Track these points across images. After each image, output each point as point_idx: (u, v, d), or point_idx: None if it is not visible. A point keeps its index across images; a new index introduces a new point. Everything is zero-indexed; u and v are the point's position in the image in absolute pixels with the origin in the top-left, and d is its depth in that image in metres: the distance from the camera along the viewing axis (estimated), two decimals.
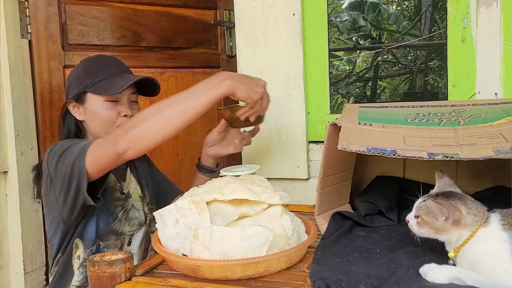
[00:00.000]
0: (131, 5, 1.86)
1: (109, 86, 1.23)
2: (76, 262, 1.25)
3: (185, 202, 0.86)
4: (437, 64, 5.47)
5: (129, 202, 1.32)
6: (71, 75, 1.31)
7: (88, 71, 1.27)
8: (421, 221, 0.77)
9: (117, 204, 1.29)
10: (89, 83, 1.24)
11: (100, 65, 1.29)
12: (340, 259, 0.86)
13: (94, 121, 1.27)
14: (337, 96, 5.60)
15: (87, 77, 1.25)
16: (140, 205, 1.35)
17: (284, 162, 1.57)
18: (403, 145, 0.85)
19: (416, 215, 0.79)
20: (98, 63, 1.30)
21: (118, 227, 1.28)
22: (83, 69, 1.28)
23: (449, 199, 0.76)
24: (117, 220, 1.28)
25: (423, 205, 0.78)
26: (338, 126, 0.94)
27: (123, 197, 1.31)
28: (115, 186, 1.30)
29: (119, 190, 1.31)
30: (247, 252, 0.77)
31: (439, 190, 0.81)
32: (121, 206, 1.30)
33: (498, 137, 0.83)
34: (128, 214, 1.31)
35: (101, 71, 1.26)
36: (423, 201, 0.79)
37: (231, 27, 2.03)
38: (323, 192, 1.03)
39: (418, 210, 0.78)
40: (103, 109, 1.25)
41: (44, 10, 1.71)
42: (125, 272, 0.80)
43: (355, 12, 5.76)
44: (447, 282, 0.72)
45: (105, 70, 1.27)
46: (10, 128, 1.64)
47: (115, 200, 1.29)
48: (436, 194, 0.79)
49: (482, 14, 1.34)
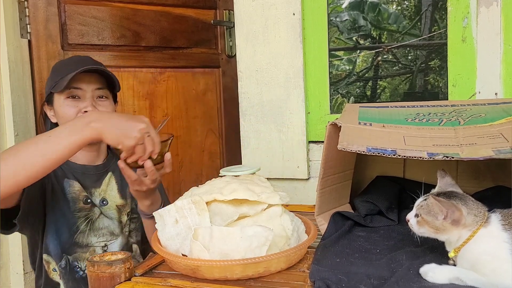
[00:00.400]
0: (131, 5, 1.86)
1: (63, 82, 1.17)
2: (55, 274, 1.21)
3: (185, 202, 0.86)
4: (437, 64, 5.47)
5: (95, 212, 1.25)
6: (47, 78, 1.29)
7: (53, 71, 1.26)
8: (421, 220, 0.77)
9: (79, 215, 1.23)
10: (52, 83, 1.21)
11: (65, 64, 1.27)
12: (340, 259, 0.85)
13: (61, 121, 1.22)
14: (337, 96, 5.60)
15: (52, 78, 1.24)
16: (115, 214, 1.28)
17: (284, 162, 1.57)
18: (403, 145, 0.85)
19: (416, 214, 0.79)
20: (64, 62, 1.29)
21: (82, 239, 1.22)
22: (51, 71, 1.27)
23: (450, 198, 0.76)
24: (79, 232, 1.22)
25: (424, 204, 0.78)
26: (338, 126, 0.94)
27: (87, 206, 1.24)
28: (78, 196, 1.24)
29: (83, 200, 1.24)
30: (247, 252, 0.77)
31: (440, 190, 0.81)
32: (85, 216, 1.23)
33: (498, 137, 0.83)
34: (93, 225, 1.24)
35: (62, 70, 1.22)
36: (424, 200, 0.79)
37: (231, 27, 2.03)
38: (323, 192, 1.03)
39: (418, 209, 0.78)
40: (63, 107, 1.20)
41: (43, 10, 1.71)
42: (124, 272, 0.80)
43: (355, 12, 5.76)
44: (447, 282, 0.71)
45: (67, 68, 1.21)
46: (10, 128, 1.64)
47: (77, 211, 1.23)
48: (437, 194, 0.79)
49: (482, 14, 1.34)
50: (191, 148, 2.02)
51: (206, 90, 2.06)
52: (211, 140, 2.07)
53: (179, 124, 1.99)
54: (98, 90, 1.23)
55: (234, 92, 1.73)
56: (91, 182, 1.27)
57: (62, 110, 1.20)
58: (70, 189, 1.23)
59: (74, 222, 1.22)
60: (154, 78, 1.92)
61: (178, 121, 1.98)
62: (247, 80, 1.61)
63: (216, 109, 2.08)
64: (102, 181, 1.29)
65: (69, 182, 1.24)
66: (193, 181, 2.00)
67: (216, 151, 2.09)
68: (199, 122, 2.04)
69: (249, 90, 1.61)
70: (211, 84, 2.06)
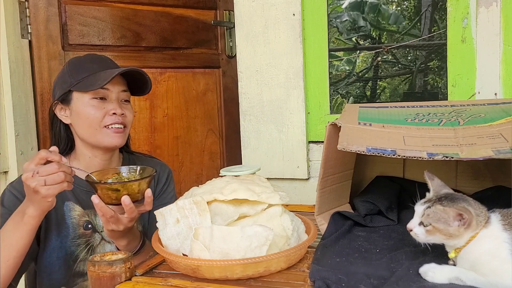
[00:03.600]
0: (131, 5, 1.86)
1: (93, 81, 1.11)
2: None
3: (186, 202, 0.86)
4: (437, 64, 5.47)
5: (96, 238, 1.16)
6: (57, 76, 1.21)
7: (73, 69, 1.16)
8: (431, 229, 0.74)
9: (79, 243, 1.14)
10: (73, 81, 1.13)
11: (85, 62, 1.18)
12: (340, 259, 0.86)
13: (80, 123, 1.14)
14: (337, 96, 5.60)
15: (71, 75, 1.14)
16: None
17: (284, 162, 1.57)
18: (403, 145, 0.85)
19: (422, 222, 0.75)
20: (84, 60, 1.19)
21: (83, 267, 1.14)
22: (67, 68, 1.17)
23: (454, 202, 0.74)
24: (79, 261, 1.14)
25: (430, 212, 0.74)
26: (338, 126, 0.94)
27: (88, 232, 1.15)
28: (78, 221, 1.15)
29: (83, 226, 1.15)
30: (247, 252, 0.77)
31: (437, 193, 0.79)
32: (85, 243, 1.15)
33: (498, 137, 0.83)
34: (94, 251, 1.15)
35: (85, 68, 1.15)
36: (428, 208, 0.75)
37: (231, 27, 2.04)
38: (323, 192, 1.03)
39: (425, 218, 0.74)
40: (88, 107, 1.12)
41: (44, 10, 1.71)
42: (125, 272, 0.80)
43: (355, 12, 5.76)
44: (447, 282, 0.72)
45: (90, 66, 1.15)
46: (10, 128, 1.64)
47: (77, 238, 1.14)
48: (438, 199, 0.76)
49: (482, 14, 1.34)
50: (191, 148, 2.02)
51: (206, 90, 2.06)
52: (211, 140, 2.08)
53: (180, 124, 1.99)
54: (123, 92, 1.17)
55: (234, 92, 1.73)
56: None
57: (87, 110, 1.12)
58: (71, 214, 1.15)
59: (73, 251, 1.14)
60: (155, 79, 1.92)
61: (179, 121, 1.99)
62: (247, 80, 1.61)
63: (216, 109, 2.09)
64: None
65: (69, 205, 1.15)
66: (193, 181, 2.00)
67: (216, 151, 2.10)
68: (199, 122, 2.04)
69: (249, 90, 1.61)
70: (211, 84, 2.07)
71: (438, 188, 0.80)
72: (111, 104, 1.13)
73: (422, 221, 0.75)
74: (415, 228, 0.76)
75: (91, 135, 1.13)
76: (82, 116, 1.13)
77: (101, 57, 1.22)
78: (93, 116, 1.12)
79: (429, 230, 0.74)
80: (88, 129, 1.13)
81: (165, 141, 1.96)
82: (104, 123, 1.13)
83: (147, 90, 1.21)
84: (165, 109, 1.94)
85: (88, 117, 1.12)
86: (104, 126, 1.13)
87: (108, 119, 1.13)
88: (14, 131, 1.64)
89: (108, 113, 1.13)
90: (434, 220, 0.73)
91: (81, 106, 1.13)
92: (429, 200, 0.77)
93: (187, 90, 2.00)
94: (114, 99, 1.15)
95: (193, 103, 2.02)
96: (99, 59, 1.20)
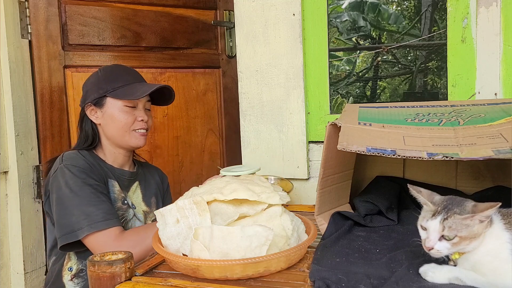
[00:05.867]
0: (131, 5, 1.86)
1: (130, 91, 1.30)
2: (67, 274, 1.26)
3: (186, 202, 0.86)
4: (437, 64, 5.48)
5: (130, 213, 1.33)
6: (89, 81, 1.36)
7: (108, 77, 1.33)
8: (458, 240, 0.69)
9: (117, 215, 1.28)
10: (109, 88, 1.30)
11: (119, 72, 1.36)
12: (340, 259, 0.86)
13: (111, 125, 1.32)
14: (337, 96, 5.61)
15: (107, 82, 1.32)
16: (142, 218, 1.37)
17: (284, 162, 1.57)
18: (403, 145, 0.85)
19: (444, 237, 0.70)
20: (117, 70, 1.37)
21: None
22: (102, 75, 1.34)
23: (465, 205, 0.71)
24: None
25: (451, 223, 0.69)
26: (338, 126, 0.94)
27: (124, 207, 1.32)
28: (119, 196, 1.32)
29: (121, 201, 1.32)
30: (247, 252, 0.77)
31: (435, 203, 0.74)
32: (121, 216, 1.30)
33: (498, 137, 0.83)
34: (127, 225, 1.31)
35: (120, 78, 1.33)
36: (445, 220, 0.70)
37: (231, 27, 2.04)
38: (323, 192, 1.03)
39: (448, 231, 0.69)
40: (122, 113, 1.31)
41: (44, 10, 1.71)
42: (125, 272, 0.80)
43: (355, 12, 5.77)
44: (447, 282, 0.72)
45: (124, 77, 1.34)
46: (10, 128, 1.64)
47: (116, 210, 1.28)
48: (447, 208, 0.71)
49: (482, 14, 1.34)
50: (191, 148, 2.02)
51: (206, 90, 2.06)
52: (212, 140, 2.08)
53: (180, 124, 1.99)
54: (147, 102, 1.38)
55: (234, 92, 1.73)
56: (124, 185, 1.36)
57: (120, 115, 1.31)
58: (113, 189, 1.31)
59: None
60: (155, 79, 1.92)
61: (179, 121, 1.99)
62: (247, 80, 1.61)
63: (216, 109, 2.09)
64: (131, 187, 1.39)
65: (111, 182, 1.32)
66: (194, 181, 2.00)
67: (217, 151, 2.10)
68: (199, 122, 2.04)
69: (249, 90, 1.61)
70: (211, 84, 2.07)
71: (430, 198, 0.75)
72: (139, 112, 1.34)
73: (444, 235, 0.70)
74: (436, 245, 0.70)
75: (121, 136, 1.33)
76: (116, 120, 1.32)
77: (132, 69, 1.41)
78: (126, 120, 1.32)
79: (456, 243, 0.69)
80: (118, 131, 1.32)
81: (165, 141, 1.96)
82: (133, 127, 1.33)
83: (169, 102, 1.45)
84: (165, 109, 1.94)
85: (121, 120, 1.32)
86: (133, 129, 1.33)
87: (137, 124, 1.34)
88: (14, 131, 1.64)
89: (137, 119, 1.33)
90: (459, 230, 0.69)
91: (115, 111, 1.31)
92: (436, 212, 0.72)
93: (187, 90, 2.00)
94: (141, 107, 1.35)
95: (193, 103, 2.02)
96: (132, 72, 1.39)
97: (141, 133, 1.34)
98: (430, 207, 0.73)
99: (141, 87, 1.32)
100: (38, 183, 1.74)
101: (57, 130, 1.75)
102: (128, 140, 1.33)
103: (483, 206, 0.69)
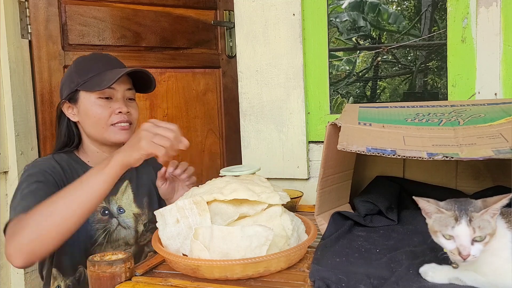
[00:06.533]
0: (131, 5, 1.86)
1: (99, 81, 1.15)
2: None
3: (186, 202, 0.86)
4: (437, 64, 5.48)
5: (113, 223, 1.20)
6: (64, 76, 1.26)
7: (80, 69, 1.20)
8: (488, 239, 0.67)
9: (98, 227, 1.18)
10: (80, 81, 1.17)
11: (92, 62, 1.22)
12: (340, 259, 0.86)
13: (87, 121, 1.19)
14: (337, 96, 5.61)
15: (78, 75, 1.19)
16: (132, 223, 1.23)
17: (284, 162, 1.57)
18: (403, 145, 0.85)
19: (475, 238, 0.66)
20: (90, 60, 1.24)
21: (99, 251, 1.15)
22: (74, 67, 1.22)
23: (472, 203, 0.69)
24: (97, 244, 1.17)
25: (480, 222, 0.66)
26: (338, 126, 0.94)
27: (105, 218, 1.20)
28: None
29: (101, 211, 1.19)
30: (247, 252, 0.77)
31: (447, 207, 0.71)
32: (103, 228, 1.18)
33: (498, 137, 0.83)
34: (111, 236, 1.20)
35: (92, 68, 1.19)
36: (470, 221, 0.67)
37: (231, 27, 2.04)
38: (323, 192, 1.03)
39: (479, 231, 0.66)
40: (95, 106, 1.17)
41: (44, 10, 1.71)
42: (125, 272, 0.80)
43: (355, 12, 5.77)
44: (447, 282, 0.72)
45: (94, 67, 1.19)
46: (10, 128, 1.64)
47: (96, 223, 1.18)
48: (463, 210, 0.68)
49: (482, 14, 1.34)
50: (191, 148, 2.01)
51: (206, 90, 2.06)
52: (211, 140, 2.08)
53: (179, 124, 1.97)
54: (128, 91, 1.22)
55: (234, 92, 1.73)
56: None
57: (93, 109, 1.17)
58: None
59: (92, 235, 1.17)
60: (155, 78, 1.92)
61: (179, 121, 1.98)
62: (247, 80, 1.61)
63: (216, 109, 2.09)
64: (119, 189, 1.24)
65: None
66: None
67: (216, 151, 2.10)
68: (199, 122, 2.04)
69: (249, 90, 1.61)
70: (211, 84, 2.07)
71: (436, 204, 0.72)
72: (116, 103, 1.19)
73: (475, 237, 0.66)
74: (472, 251, 0.66)
75: (98, 132, 1.19)
76: (90, 114, 1.18)
77: (106, 56, 1.26)
78: (100, 115, 1.17)
79: (486, 242, 0.66)
80: (95, 127, 1.18)
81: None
82: (110, 121, 1.18)
83: (152, 88, 1.27)
84: (165, 109, 1.94)
85: (95, 115, 1.17)
86: (110, 124, 1.18)
87: (114, 117, 1.18)
88: (14, 131, 1.64)
89: (114, 112, 1.18)
90: (487, 228, 0.66)
91: (88, 105, 1.18)
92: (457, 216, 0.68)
93: (187, 90, 2.00)
94: (119, 98, 1.19)
95: (193, 103, 2.02)
96: (104, 58, 1.24)
97: (121, 126, 1.18)
98: (446, 214, 0.69)
99: (110, 75, 1.15)
100: None
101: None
102: (107, 136, 1.18)
103: (495, 198, 0.67)
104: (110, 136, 1.18)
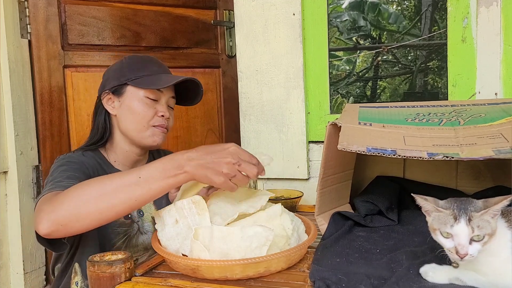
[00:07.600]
0: (131, 5, 1.86)
1: (154, 80, 1.18)
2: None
3: (185, 202, 0.86)
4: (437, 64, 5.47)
5: (134, 228, 1.19)
6: (111, 68, 1.25)
7: (133, 65, 1.21)
8: (487, 239, 0.67)
9: (118, 231, 1.17)
10: (131, 76, 1.18)
11: (146, 62, 1.24)
12: (340, 259, 0.85)
13: (129, 116, 1.18)
14: (337, 96, 5.60)
15: (130, 70, 1.19)
16: (151, 227, 1.23)
17: (284, 162, 1.57)
18: (403, 145, 0.85)
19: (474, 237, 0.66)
20: (145, 60, 1.25)
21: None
22: (127, 62, 1.23)
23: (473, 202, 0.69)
24: (115, 249, 1.15)
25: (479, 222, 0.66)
26: (338, 126, 0.94)
27: (128, 222, 1.19)
28: None
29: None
30: (247, 252, 0.77)
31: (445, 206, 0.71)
32: (124, 233, 1.17)
33: (498, 137, 0.83)
34: (130, 241, 1.18)
35: (146, 67, 1.21)
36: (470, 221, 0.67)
37: (231, 27, 2.03)
38: (323, 192, 1.03)
39: (478, 230, 0.66)
40: (141, 104, 1.17)
41: (44, 10, 1.71)
42: (125, 272, 0.80)
43: (355, 12, 5.76)
44: (447, 282, 0.71)
45: (149, 67, 1.21)
46: (10, 128, 1.64)
47: (117, 227, 1.16)
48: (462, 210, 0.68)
49: (482, 14, 1.34)
50: (191, 148, 2.02)
51: (206, 90, 2.05)
52: (211, 140, 2.07)
53: (179, 124, 1.99)
54: (171, 98, 1.24)
55: (234, 92, 1.73)
56: None
57: (139, 106, 1.17)
58: None
59: (112, 238, 1.16)
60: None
61: (178, 121, 1.98)
62: (247, 80, 1.61)
63: (216, 109, 2.08)
64: None
65: None
66: None
67: None
68: (199, 122, 2.04)
69: (249, 90, 1.61)
70: (211, 84, 2.06)
71: (437, 204, 0.72)
72: (161, 107, 1.20)
73: (473, 237, 0.66)
74: (469, 250, 0.66)
75: (137, 130, 1.18)
76: (134, 111, 1.18)
77: (160, 61, 1.28)
78: (145, 113, 1.18)
79: (485, 242, 0.66)
80: (136, 124, 1.18)
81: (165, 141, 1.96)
82: (152, 122, 1.19)
83: (196, 101, 1.29)
84: None
85: (139, 112, 1.17)
86: (152, 125, 1.19)
87: (156, 119, 1.19)
88: (14, 131, 1.64)
89: (157, 113, 1.19)
90: (486, 228, 0.66)
91: (134, 101, 1.18)
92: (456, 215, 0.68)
93: None
94: (163, 102, 1.21)
95: None
96: (159, 63, 1.26)
97: (161, 130, 1.20)
98: (445, 213, 0.69)
99: (164, 77, 1.19)
100: (38, 183, 1.74)
101: (56, 130, 1.74)
102: (145, 135, 1.18)
103: (496, 199, 0.67)
104: (147, 135, 1.19)
